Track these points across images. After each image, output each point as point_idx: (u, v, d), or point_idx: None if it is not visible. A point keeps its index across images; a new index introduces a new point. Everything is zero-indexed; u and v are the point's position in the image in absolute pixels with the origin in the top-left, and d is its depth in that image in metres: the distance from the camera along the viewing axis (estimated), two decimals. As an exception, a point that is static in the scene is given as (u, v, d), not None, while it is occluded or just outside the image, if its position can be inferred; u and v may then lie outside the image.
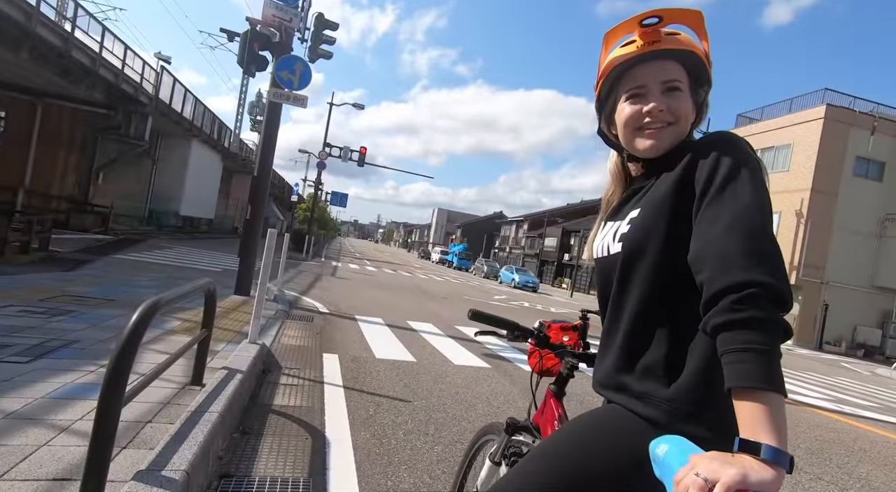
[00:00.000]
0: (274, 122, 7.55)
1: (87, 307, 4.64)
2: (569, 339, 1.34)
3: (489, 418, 3.43)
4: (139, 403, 2.41)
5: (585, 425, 0.89)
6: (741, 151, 0.78)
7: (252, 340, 3.68)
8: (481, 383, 4.43)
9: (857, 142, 19.55)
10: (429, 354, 5.31)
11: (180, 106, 18.52)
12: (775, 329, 0.63)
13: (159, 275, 8.20)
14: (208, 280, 2.77)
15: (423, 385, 4.02)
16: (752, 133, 22.75)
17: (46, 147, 14.86)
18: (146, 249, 12.42)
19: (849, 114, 19.79)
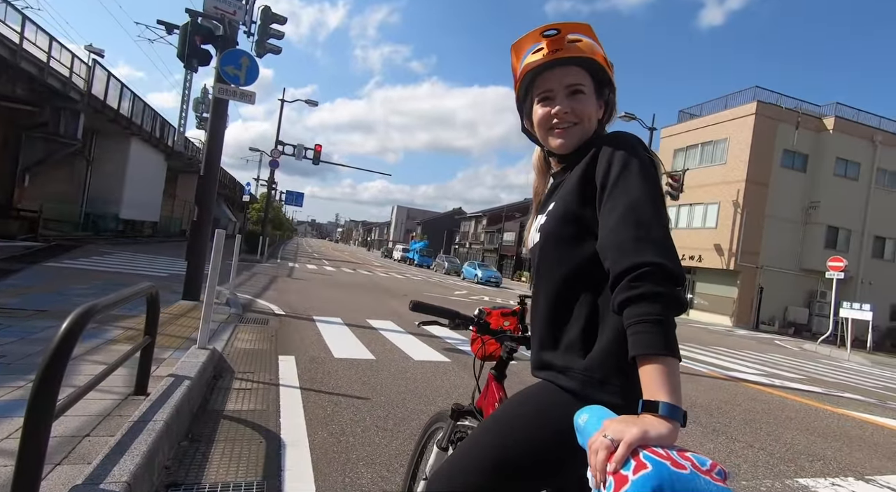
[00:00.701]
0: (220, 119, 7.25)
1: (15, 320, 4.30)
2: (509, 324, 1.39)
3: (448, 410, 3.49)
4: (75, 416, 2.28)
5: (517, 403, 0.95)
6: (633, 149, 0.88)
7: (201, 346, 3.54)
8: (441, 377, 4.48)
9: (784, 136, 21.15)
10: (389, 352, 5.30)
11: (116, 102, 17.36)
12: (668, 301, 0.71)
13: (97, 283, 7.69)
14: (150, 284, 2.65)
15: (382, 382, 4.02)
16: (693, 128, 24.12)
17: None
18: (82, 256, 11.59)
19: (776, 110, 21.36)
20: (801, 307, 21.84)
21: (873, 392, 7.54)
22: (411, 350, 5.50)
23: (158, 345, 4.00)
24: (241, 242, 10.64)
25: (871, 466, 3.49)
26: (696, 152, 23.82)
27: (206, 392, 3.19)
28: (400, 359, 4.99)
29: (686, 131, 24.57)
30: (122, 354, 2.56)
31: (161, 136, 23.20)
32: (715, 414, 4.43)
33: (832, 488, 2.91)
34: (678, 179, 20.16)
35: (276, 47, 9.08)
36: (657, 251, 0.75)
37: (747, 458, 3.30)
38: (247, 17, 8.37)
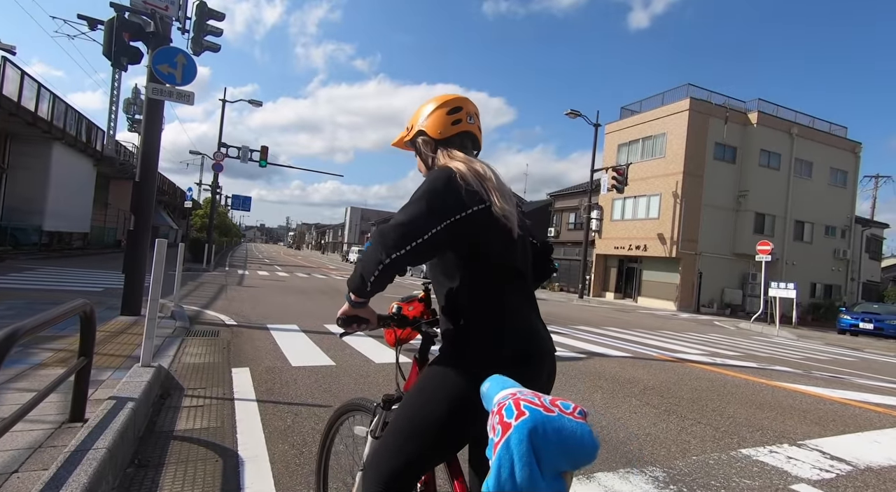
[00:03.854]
0: (155, 121, 6.80)
1: (-79, 349, 3.83)
2: (413, 309, 1.47)
3: (412, 411, 3.46)
4: (0, 452, 2.06)
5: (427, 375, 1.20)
6: (426, 183, 1.20)
7: (145, 363, 3.31)
8: (403, 378, 4.45)
9: (715, 130, 22.68)
10: (349, 357, 5.20)
11: (34, 104, 15.85)
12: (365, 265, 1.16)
13: (17, 302, 7.01)
14: (83, 301, 2.44)
15: (343, 388, 3.94)
16: (635, 123, 25.34)
17: None
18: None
19: (707, 106, 22.86)
20: (736, 289, 23.56)
21: (799, 364, 8.27)
22: (372, 353, 5.43)
23: (96, 366, 3.71)
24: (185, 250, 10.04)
25: (801, 432, 3.82)
26: (638, 147, 25.05)
27: (153, 413, 2.99)
28: (361, 363, 4.91)
29: (628, 127, 25.78)
30: (54, 379, 2.35)
31: (88, 139, 21.45)
32: (665, 395, 4.69)
33: (770, 456, 3.16)
34: (622, 172, 21.15)
35: (214, 45, 8.64)
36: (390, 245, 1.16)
37: (696, 434, 3.52)
38: (181, 13, 7.90)
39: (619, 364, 6.21)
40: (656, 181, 23.33)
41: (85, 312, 2.50)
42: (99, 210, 26.90)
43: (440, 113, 1.35)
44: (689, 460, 2.96)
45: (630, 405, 4.16)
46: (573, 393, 4.43)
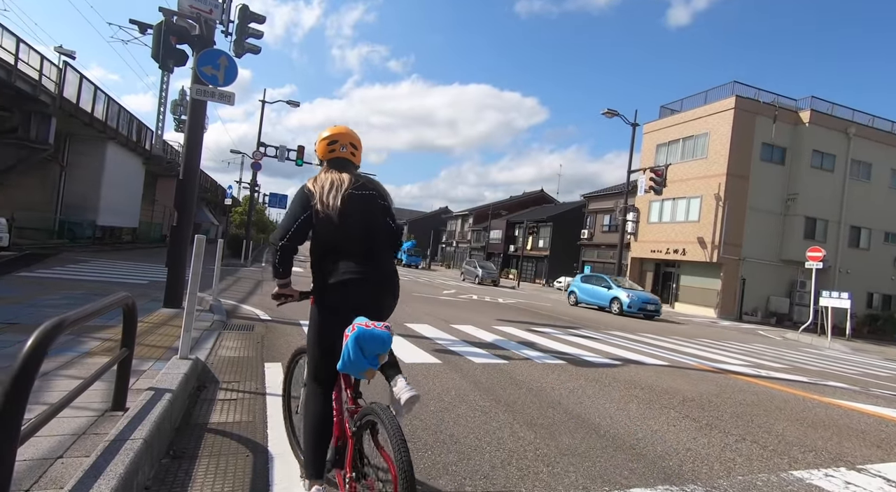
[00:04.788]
0: (198, 121, 7.06)
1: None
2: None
3: (440, 414, 3.42)
4: (48, 437, 2.16)
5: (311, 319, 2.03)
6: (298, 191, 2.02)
7: (183, 356, 3.41)
8: (432, 379, 4.41)
9: (762, 130, 21.56)
10: (378, 355, 5.21)
11: (90, 105, 16.85)
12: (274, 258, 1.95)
13: (73, 292, 7.43)
14: (125, 294, 2.52)
15: (371, 387, 3.91)
16: (675, 123, 24.43)
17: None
18: (57, 265, 11.22)
19: (754, 104, 21.76)
20: (783, 297, 22.32)
21: (856, 379, 7.71)
22: (401, 353, 5.42)
23: (138, 356, 3.86)
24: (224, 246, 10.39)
25: (861, 455, 3.52)
26: (678, 147, 24.14)
27: (189, 405, 3.07)
28: (390, 362, 4.91)
29: (668, 127, 24.89)
30: (98, 369, 2.44)
31: (138, 139, 22.63)
32: (706, 408, 4.45)
33: (826, 480, 2.92)
34: (661, 173, 20.41)
35: (255, 47, 8.89)
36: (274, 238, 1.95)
37: (741, 452, 3.31)
38: (224, 16, 8.18)
39: (656, 373, 5.96)
40: (697, 183, 22.42)
41: (127, 305, 2.59)
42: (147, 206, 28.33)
43: (323, 143, 2.07)
44: (733, 479, 2.77)
45: (668, 417, 3.97)
46: (607, 401, 4.27)
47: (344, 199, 1.89)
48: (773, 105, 22.13)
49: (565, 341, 7.83)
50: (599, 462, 2.81)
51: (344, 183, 1.93)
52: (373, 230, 1.95)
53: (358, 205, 1.92)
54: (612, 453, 2.97)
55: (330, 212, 1.86)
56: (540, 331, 8.88)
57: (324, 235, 1.91)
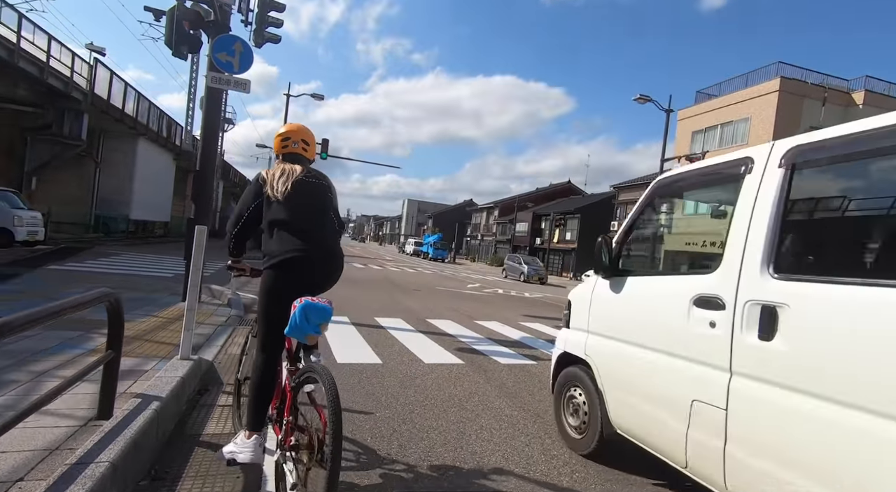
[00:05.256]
0: (214, 110, 6.87)
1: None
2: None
3: (462, 425, 3.05)
4: (14, 453, 1.90)
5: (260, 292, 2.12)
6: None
7: (184, 356, 3.16)
8: (454, 382, 4.05)
9: (810, 113, 20.09)
10: (397, 354, 4.89)
11: (121, 102, 17.17)
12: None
13: (98, 285, 7.41)
14: (105, 290, 2.25)
15: (388, 391, 3.60)
16: (712, 108, 23.15)
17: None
18: (89, 258, 11.42)
19: (801, 86, 20.30)
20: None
21: None
22: (421, 351, 5.08)
23: (144, 355, 3.65)
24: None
25: None
26: (716, 133, 22.87)
27: (187, 410, 2.81)
28: (408, 362, 4.57)
29: (704, 112, 23.60)
30: (77, 372, 2.18)
31: (168, 135, 23.07)
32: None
33: None
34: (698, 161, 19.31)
35: (275, 36, 8.66)
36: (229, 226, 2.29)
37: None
38: (243, 4, 7.98)
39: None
40: (737, 171, 21.17)
41: (110, 303, 2.32)
42: (178, 201, 29.00)
43: (277, 140, 2.27)
44: None
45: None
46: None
47: (294, 184, 2.07)
48: (822, 86, 20.59)
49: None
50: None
51: (295, 172, 2.12)
52: (319, 212, 2.13)
53: (306, 189, 2.11)
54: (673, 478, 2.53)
55: (279, 196, 2.05)
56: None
57: (272, 216, 2.06)
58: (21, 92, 12.95)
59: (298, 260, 1.99)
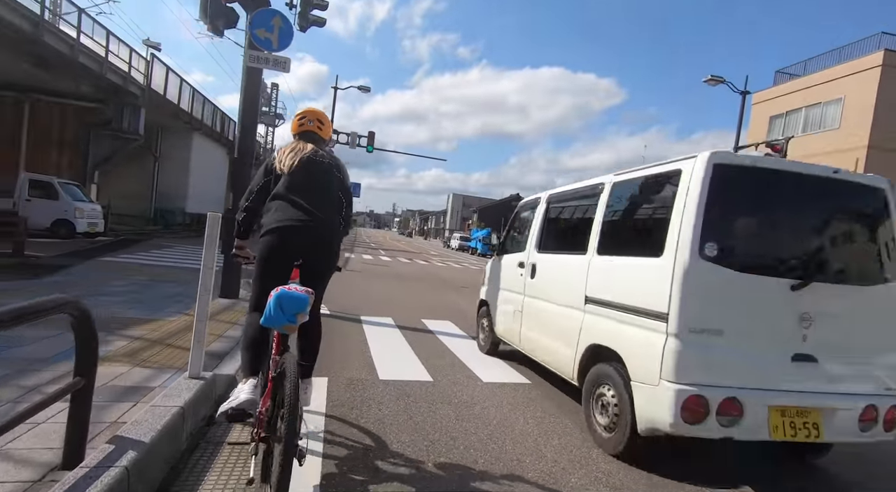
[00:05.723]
0: (253, 92, 6.39)
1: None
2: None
3: (547, 480, 2.23)
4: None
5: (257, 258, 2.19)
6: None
7: (194, 374, 2.56)
8: (523, 411, 3.24)
9: (920, 91, 17.35)
10: (449, 368, 4.14)
11: (177, 97, 17.54)
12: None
13: (142, 278, 7.23)
14: (62, 298, 1.63)
15: (441, 425, 2.86)
16: (795, 89, 20.66)
17: (37, 147, 14.11)
18: (142, 250, 11.55)
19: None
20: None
21: None
22: (478, 365, 4.31)
23: (160, 364, 3.12)
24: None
25: None
26: (799, 117, 20.38)
27: (188, 448, 2.19)
28: (464, 381, 3.81)
29: (785, 94, 21.10)
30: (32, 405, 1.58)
31: (221, 130, 23.60)
32: None
33: None
34: (780, 148, 17.16)
35: (320, 18, 8.15)
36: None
37: None
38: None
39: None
40: (825, 159, 18.72)
41: (74, 315, 1.70)
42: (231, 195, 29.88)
43: (295, 120, 2.47)
44: None
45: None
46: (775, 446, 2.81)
47: (301, 160, 2.17)
48: (936, 59, 17.69)
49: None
50: None
51: (305, 149, 2.21)
52: (319, 190, 2.19)
53: (312, 167, 2.19)
54: None
55: (285, 169, 2.15)
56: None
57: (276, 189, 2.14)
58: (84, 88, 13.35)
59: (291, 229, 2.06)
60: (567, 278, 3.35)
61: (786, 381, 2.36)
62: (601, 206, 3.18)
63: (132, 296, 5.67)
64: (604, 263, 3.00)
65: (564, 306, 3.32)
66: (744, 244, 2.50)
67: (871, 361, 2.51)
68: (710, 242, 2.32)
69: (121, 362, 3.11)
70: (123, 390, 2.60)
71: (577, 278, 3.18)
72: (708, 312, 2.33)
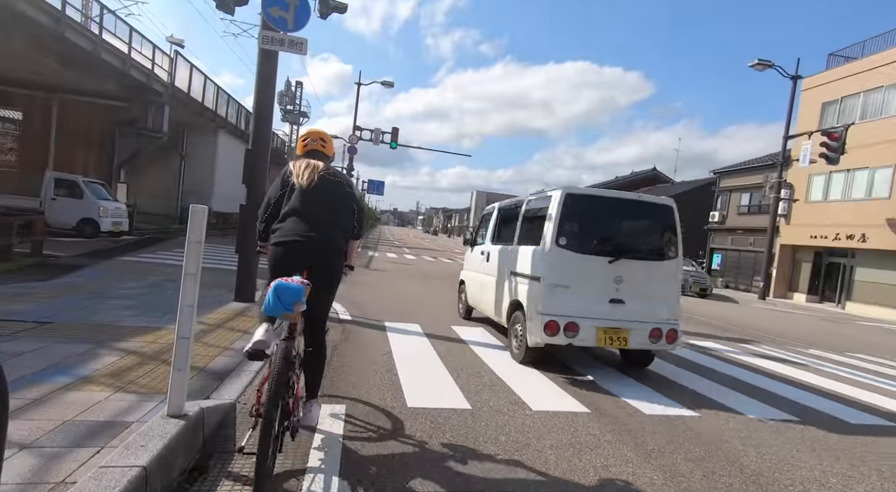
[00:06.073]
0: (268, 77, 5.89)
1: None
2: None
3: None
4: None
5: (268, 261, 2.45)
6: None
7: (173, 412, 2.00)
8: (585, 452, 2.57)
9: None
10: (488, 390, 3.50)
11: (201, 94, 17.43)
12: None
13: (156, 279, 6.87)
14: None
15: (488, 473, 2.22)
16: (851, 73, 19.04)
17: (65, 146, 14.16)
18: (163, 249, 11.35)
19: None
20: None
21: None
22: (523, 387, 3.65)
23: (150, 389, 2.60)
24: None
25: None
26: (856, 103, 18.77)
27: (157, 521, 1.62)
28: (509, 409, 3.16)
29: (840, 78, 19.48)
30: None
31: (246, 127, 23.55)
32: None
33: None
34: (838, 137, 15.78)
35: (341, 4, 7.61)
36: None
37: None
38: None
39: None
40: (887, 148, 17.16)
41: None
42: (258, 193, 29.98)
43: (299, 142, 2.69)
44: None
45: None
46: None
47: (316, 177, 2.38)
48: None
49: (755, 369, 5.41)
50: None
51: (318, 167, 2.44)
52: (330, 205, 2.41)
53: (324, 184, 2.39)
54: None
55: (303, 184, 2.35)
56: (705, 348, 6.50)
57: (290, 203, 2.36)
58: (109, 87, 13.28)
59: (295, 243, 2.27)
60: (504, 260, 5.09)
61: (605, 313, 4.03)
62: (521, 214, 4.96)
63: (140, 299, 5.26)
64: (520, 250, 4.67)
65: (512, 281, 4.75)
66: (581, 237, 4.13)
67: (656, 304, 4.19)
68: (562, 237, 4.05)
69: (101, 386, 2.60)
70: (91, 429, 2.07)
71: (509, 260, 4.90)
72: (561, 275, 4.01)
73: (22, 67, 11.56)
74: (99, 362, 3.03)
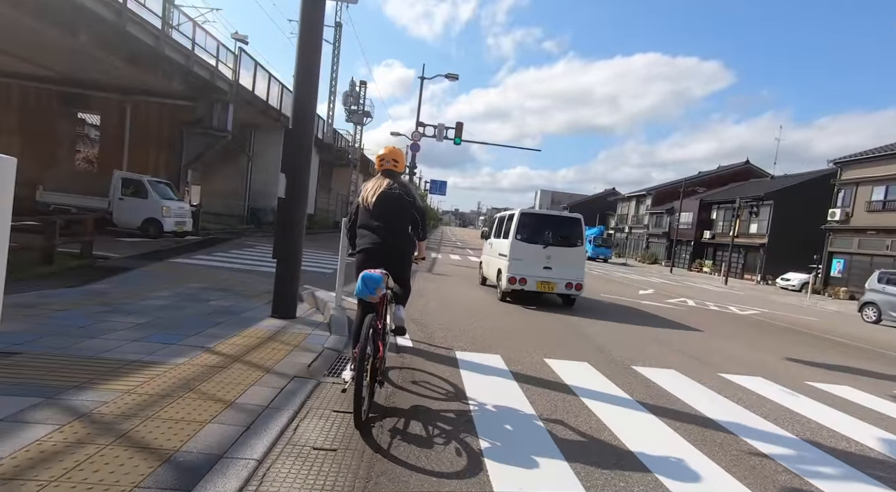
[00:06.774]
0: (312, 40, 4.73)
1: None
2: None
3: None
4: None
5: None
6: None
7: None
8: None
9: None
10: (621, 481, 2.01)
11: (265, 93, 17.26)
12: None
13: (197, 285, 6.06)
14: None
15: None
16: None
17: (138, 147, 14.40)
18: (220, 251, 10.87)
19: None
20: None
21: None
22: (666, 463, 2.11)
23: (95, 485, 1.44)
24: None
25: None
26: None
27: None
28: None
29: None
30: None
31: (311, 128, 23.46)
32: None
33: None
34: None
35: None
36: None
37: None
38: None
39: None
40: None
41: None
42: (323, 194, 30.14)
43: (377, 159, 3.28)
44: None
45: None
46: None
47: (379, 196, 3.05)
48: None
49: None
50: None
51: (381, 187, 3.08)
52: (391, 219, 3.06)
53: (386, 201, 3.05)
54: None
55: (369, 205, 3.05)
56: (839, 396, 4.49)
57: (362, 219, 3.11)
58: (175, 86, 13.24)
59: (370, 249, 3.00)
60: (496, 247, 8.81)
61: (541, 274, 7.79)
62: (505, 221, 8.77)
63: (162, 313, 4.33)
64: (501, 241, 8.46)
65: (498, 258, 8.43)
66: (529, 234, 7.95)
67: (570, 270, 7.89)
68: (518, 234, 7.91)
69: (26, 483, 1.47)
70: None
71: (498, 246, 8.64)
72: (518, 253, 7.80)
73: (91, 67, 11.67)
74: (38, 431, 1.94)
